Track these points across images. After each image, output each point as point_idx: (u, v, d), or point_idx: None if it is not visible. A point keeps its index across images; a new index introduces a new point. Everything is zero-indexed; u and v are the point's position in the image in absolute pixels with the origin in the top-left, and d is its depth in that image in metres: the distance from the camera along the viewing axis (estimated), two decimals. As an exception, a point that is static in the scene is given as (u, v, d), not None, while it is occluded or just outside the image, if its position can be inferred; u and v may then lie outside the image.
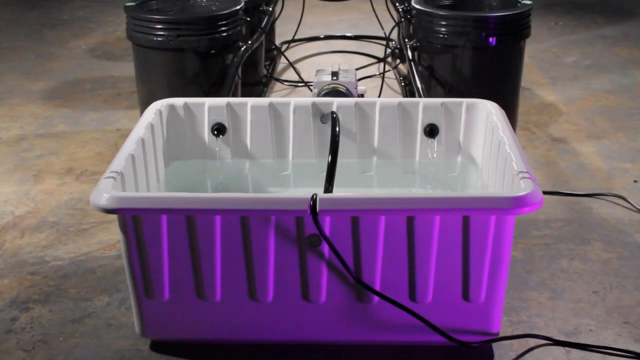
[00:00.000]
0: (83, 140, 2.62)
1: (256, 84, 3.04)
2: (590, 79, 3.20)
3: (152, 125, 1.75)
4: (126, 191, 1.50)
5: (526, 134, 2.63)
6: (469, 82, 2.38)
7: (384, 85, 2.98)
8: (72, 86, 3.19)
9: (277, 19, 3.36)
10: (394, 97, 2.94)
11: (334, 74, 2.52)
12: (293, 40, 3.65)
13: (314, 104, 1.85)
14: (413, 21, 2.45)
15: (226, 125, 1.87)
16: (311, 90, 2.65)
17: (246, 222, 1.39)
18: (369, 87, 3.11)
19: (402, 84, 3.04)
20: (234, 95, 2.47)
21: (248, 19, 2.54)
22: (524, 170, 1.45)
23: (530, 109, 2.85)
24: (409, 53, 2.49)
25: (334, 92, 2.47)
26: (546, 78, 3.22)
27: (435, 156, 1.86)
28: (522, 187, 1.38)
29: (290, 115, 1.86)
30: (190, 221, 1.40)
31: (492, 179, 1.69)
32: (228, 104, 1.86)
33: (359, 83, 3.14)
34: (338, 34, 3.89)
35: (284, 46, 3.65)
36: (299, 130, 1.87)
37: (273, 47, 3.51)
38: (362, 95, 2.85)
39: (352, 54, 3.61)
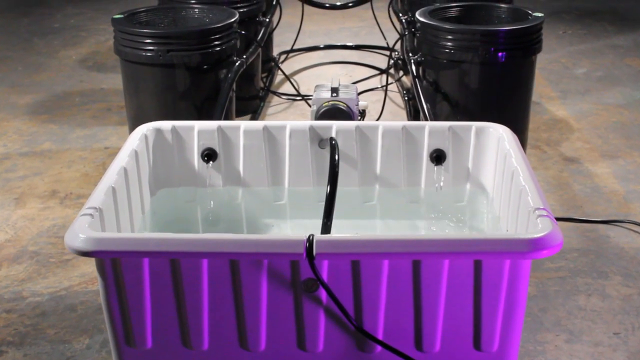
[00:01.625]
0: (69, 159, 2.50)
1: (252, 98, 2.92)
2: (602, 92, 3.09)
3: (136, 153, 1.63)
4: (105, 229, 1.38)
5: (537, 152, 2.51)
6: (476, 100, 2.27)
7: (387, 99, 2.85)
8: (60, 100, 3.08)
9: (274, 29, 3.25)
10: (397, 115, 2.83)
11: (334, 90, 2.40)
12: (292, 50, 3.54)
13: (311, 128, 1.74)
14: (417, 35, 2.34)
15: (217, 150, 1.75)
16: (310, 106, 2.53)
17: (236, 265, 1.27)
18: (370, 101, 3.00)
19: (406, 98, 2.92)
20: (229, 112, 2.35)
21: (243, 32, 2.43)
22: (541, 207, 1.34)
23: (540, 125, 2.74)
24: (413, 68, 2.37)
25: (334, 110, 2.36)
26: (556, 91, 3.11)
27: (442, 184, 1.74)
28: (540, 227, 1.27)
29: (286, 139, 1.75)
30: (174, 265, 1.28)
31: (505, 212, 1.57)
32: (219, 128, 1.74)
33: (360, 97, 3.03)
34: (338, 44, 3.78)
35: (283, 57, 3.54)
36: (296, 155, 1.75)
37: (270, 58, 3.40)
38: (363, 112, 2.73)
39: (353, 64, 3.49)
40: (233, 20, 2.33)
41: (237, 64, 2.35)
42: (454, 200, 1.74)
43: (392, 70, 3.35)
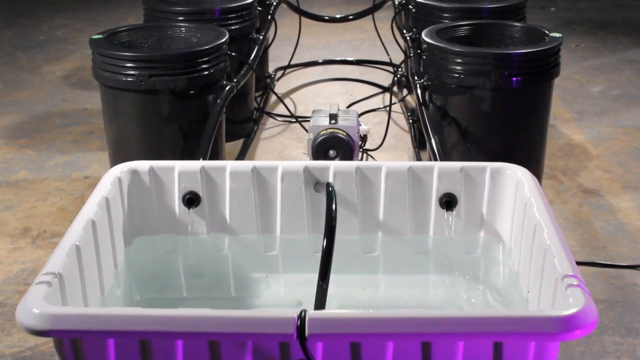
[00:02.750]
0: (45, 190, 2.33)
1: (245, 120, 2.75)
2: (620, 114, 2.92)
3: (107, 201, 1.46)
4: (67, 299, 1.22)
5: (553, 184, 2.34)
6: (488, 129, 2.10)
7: (390, 121, 2.67)
8: (40, 121, 2.91)
9: (270, 45, 3.08)
10: (401, 139, 2.67)
11: (332, 117, 2.24)
12: (289, 66, 3.37)
13: (306, 169, 1.57)
14: (424, 57, 2.17)
15: (200, 194, 1.58)
16: (306, 130, 2.36)
17: (216, 347, 1.10)
18: (372, 123, 2.83)
19: (410, 120, 2.75)
20: (218, 138, 2.18)
21: (233, 53, 2.25)
22: (571, 274, 1.17)
23: (555, 151, 2.56)
24: (419, 93, 2.20)
25: (332, 138, 2.20)
26: (571, 112, 2.93)
27: (452, 232, 1.57)
28: (570, 302, 1.10)
29: (277, 182, 1.58)
30: (144, 346, 1.11)
31: (525, 269, 1.40)
32: (202, 169, 1.57)
33: (362, 118, 2.86)
34: (338, 59, 3.61)
35: (279, 73, 3.37)
36: (289, 200, 1.58)
37: (266, 75, 3.23)
38: (365, 137, 2.57)
39: (354, 82, 3.32)
40: (222, 41, 2.16)
41: (226, 88, 2.18)
42: (466, 250, 1.57)
43: (395, 88, 3.18)
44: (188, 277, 1.60)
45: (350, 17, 3.47)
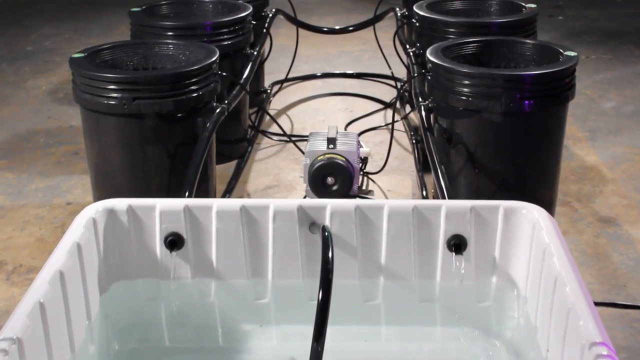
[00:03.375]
0: (23, 219, 2.20)
1: (238, 140, 2.62)
2: (635, 132, 2.78)
3: (79, 247, 1.33)
4: (26, 368, 1.08)
5: (567, 211, 2.20)
6: (498, 155, 1.97)
7: (392, 140, 2.53)
8: (23, 140, 2.78)
9: (265, 60, 2.95)
10: (404, 161, 2.54)
11: (331, 141, 2.11)
12: (286, 80, 3.23)
13: (300, 209, 1.43)
14: (429, 77, 2.03)
15: (184, 235, 1.45)
16: (303, 152, 2.23)
17: None
18: (373, 142, 2.70)
19: (413, 140, 2.61)
20: (208, 161, 2.05)
21: (224, 73, 2.12)
22: (600, 342, 1.03)
23: (568, 174, 2.43)
24: (423, 116, 2.07)
25: (330, 164, 2.07)
26: (583, 131, 2.80)
27: (462, 278, 1.44)
28: (601, 378, 0.96)
29: (269, 222, 1.44)
30: None
31: (544, 324, 1.26)
32: (186, 208, 1.44)
33: (363, 137, 2.73)
34: (338, 72, 3.47)
35: (276, 87, 3.23)
36: (281, 242, 1.45)
37: (261, 90, 3.10)
38: (365, 159, 2.44)
39: (354, 96, 3.19)
40: (212, 60, 2.03)
41: (217, 111, 2.05)
42: (476, 298, 1.44)
43: (397, 103, 3.05)
44: (171, 326, 1.47)
45: (350, 28, 3.34)
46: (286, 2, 3.16)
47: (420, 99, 2.14)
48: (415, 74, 2.32)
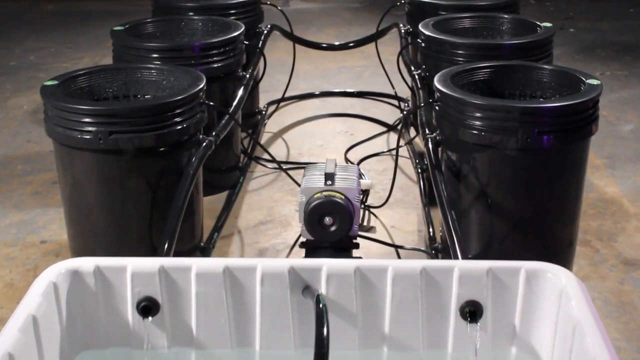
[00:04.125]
0: (-7, 260, 2.03)
1: (229, 169, 2.45)
2: (658, 159, 2.62)
3: (35, 320, 1.16)
4: None
5: (587, 252, 2.03)
6: (513, 194, 1.80)
7: (395, 173, 2.36)
8: (-1, 168, 2.62)
9: (260, 81, 2.78)
10: (408, 192, 2.37)
11: (328, 177, 1.93)
12: (282, 99, 3.06)
13: (292, 270, 1.27)
14: (436, 106, 1.87)
15: (159, 300, 1.28)
16: (297, 184, 2.06)
17: None
18: (376, 170, 2.53)
19: (419, 169, 2.44)
20: (195, 195, 1.89)
21: (212, 103, 1.95)
22: None
23: (586, 208, 2.26)
24: (430, 149, 1.90)
25: (328, 204, 1.89)
26: (601, 157, 2.63)
27: (477, 349, 1.27)
28: None
29: (256, 286, 1.28)
30: None
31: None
32: (162, 269, 1.27)
33: (365, 164, 2.57)
34: (337, 90, 3.31)
35: (271, 108, 3.07)
36: (270, 307, 1.28)
37: (256, 111, 2.94)
38: (367, 192, 2.27)
39: (354, 118, 3.03)
40: (198, 88, 1.86)
41: (203, 144, 1.88)
42: (494, 374, 1.27)
43: (401, 126, 2.88)
44: (144, 404, 1.30)
45: (351, 44, 3.18)
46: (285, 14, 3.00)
47: (427, 131, 1.97)
48: (422, 103, 2.14)
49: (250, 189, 2.44)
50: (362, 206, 2.21)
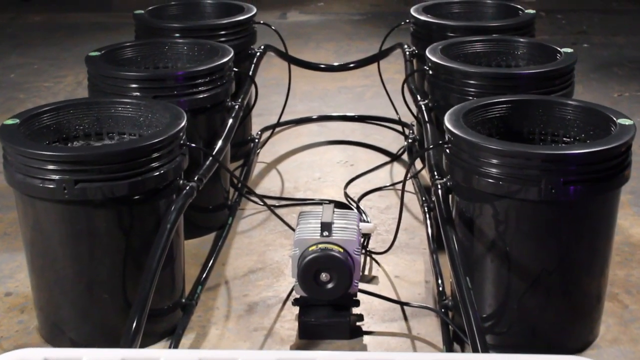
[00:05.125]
0: (-50, 317, 1.84)
1: (216, 209, 2.25)
2: (687, 195, 2.42)
3: None
4: None
5: (615, 308, 1.84)
6: (533, 249, 1.61)
7: (400, 214, 2.15)
8: (-35, 205, 2.42)
9: (252, 109, 2.59)
10: (413, 234, 2.18)
11: (325, 227, 1.75)
12: (278, 125, 2.86)
13: (279, 366, 1.07)
14: (447, 149, 1.67)
15: (121, 400, 1.09)
16: (293, 230, 1.85)
17: None
18: (378, 208, 2.35)
19: (425, 207, 2.24)
20: (175, 241, 1.71)
21: (192, 145, 1.76)
22: None
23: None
24: (440, 197, 1.71)
25: (324, 258, 1.72)
26: (624, 193, 2.41)
27: None
28: None
29: (236, 383, 1.08)
30: None
31: None
32: (123, 364, 1.08)
33: (366, 200, 2.38)
34: (337, 114, 3.11)
35: (265, 134, 2.88)
36: (253, 409, 1.09)
37: (248, 138, 2.75)
38: (368, 237, 2.08)
39: (355, 146, 2.83)
40: (178, 129, 1.67)
41: (184, 192, 1.69)
42: None
43: (404, 155, 2.70)
44: None
45: (351, 65, 3.00)
46: (282, 29, 2.81)
47: (436, 175, 1.78)
48: (431, 145, 1.95)
49: (239, 229, 2.24)
50: (363, 252, 2.02)
